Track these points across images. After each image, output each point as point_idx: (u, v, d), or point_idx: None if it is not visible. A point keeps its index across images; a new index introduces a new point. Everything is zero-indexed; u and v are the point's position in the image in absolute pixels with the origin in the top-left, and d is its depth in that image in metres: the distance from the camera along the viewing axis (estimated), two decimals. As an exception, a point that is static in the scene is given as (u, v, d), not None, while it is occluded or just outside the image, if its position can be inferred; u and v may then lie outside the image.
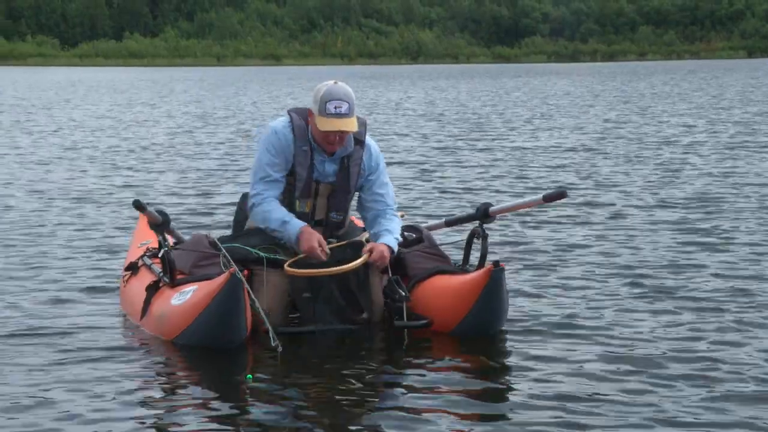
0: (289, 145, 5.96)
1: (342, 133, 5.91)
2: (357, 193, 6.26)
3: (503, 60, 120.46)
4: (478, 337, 5.71)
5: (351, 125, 5.88)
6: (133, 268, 6.64)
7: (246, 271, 5.65)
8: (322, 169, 6.03)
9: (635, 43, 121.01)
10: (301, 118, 6.02)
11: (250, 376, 5.07)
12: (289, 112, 6.10)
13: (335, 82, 5.98)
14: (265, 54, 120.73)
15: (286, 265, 5.88)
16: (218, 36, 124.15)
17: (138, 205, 5.95)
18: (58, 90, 45.59)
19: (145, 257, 6.59)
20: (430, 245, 6.44)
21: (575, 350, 5.52)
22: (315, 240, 5.84)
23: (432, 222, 7.38)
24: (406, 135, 20.66)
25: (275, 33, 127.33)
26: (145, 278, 6.27)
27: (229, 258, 5.70)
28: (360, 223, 6.66)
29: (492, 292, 5.64)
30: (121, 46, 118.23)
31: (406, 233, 6.54)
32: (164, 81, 57.68)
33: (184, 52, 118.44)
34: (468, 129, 21.62)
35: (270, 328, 5.24)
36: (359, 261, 5.86)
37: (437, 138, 19.67)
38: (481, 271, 5.71)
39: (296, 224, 5.89)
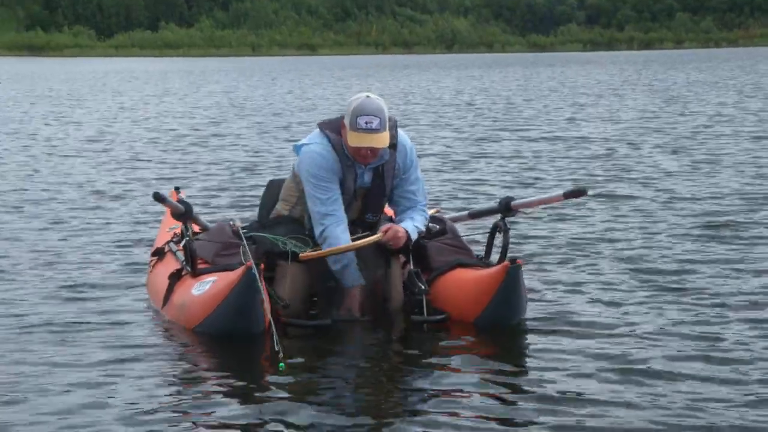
0: (335, 163, 5.94)
1: (373, 148, 5.89)
2: None
3: (538, 48, 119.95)
4: (496, 332, 5.69)
5: (381, 141, 5.84)
6: (159, 253, 6.71)
7: (262, 266, 5.63)
8: (362, 179, 6.05)
9: (672, 30, 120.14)
10: (335, 133, 5.99)
11: (282, 365, 5.10)
12: (321, 129, 6.05)
13: (367, 96, 5.90)
14: (299, 43, 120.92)
15: (301, 254, 5.87)
16: (253, 26, 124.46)
17: (157, 197, 5.97)
18: (94, 80, 45.87)
19: (171, 243, 6.63)
20: (453, 237, 6.41)
21: (595, 347, 5.45)
22: (355, 302, 5.92)
23: (456, 213, 7.34)
24: (437, 125, 20.57)
25: (310, 22, 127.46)
26: (169, 265, 6.32)
27: (248, 250, 5.69)
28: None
29: (508, 288, 5.63)
30: (157, 36, 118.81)
31: (430, 224, 6.50)
32: (199, 71, 57.98)
33: (219, 42, 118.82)
34: (499, 120, 21.51)
35: (275, 334, 5.22)
36: (373, 238, 5.86)
37: (468, 129, 19.58)
38: (498, 268, 5.70)
39: (353, 278, 5.92)
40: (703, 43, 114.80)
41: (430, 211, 7.00)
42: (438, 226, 6.53)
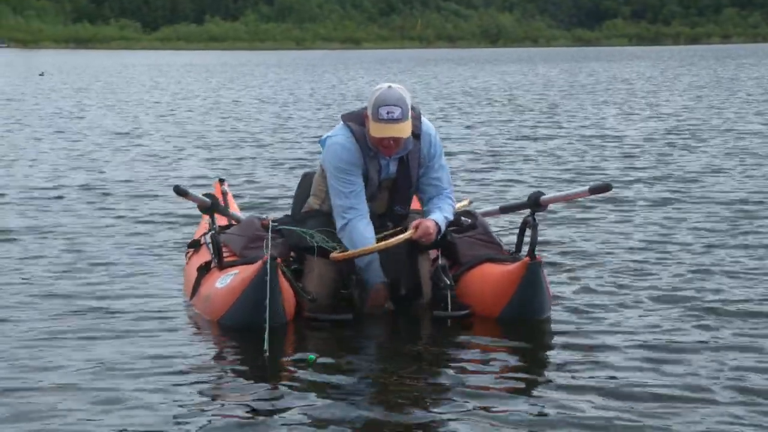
0: (358, 155, 5.90)
1: (396, 138, 5.83)
2: None
3: (583, 43, 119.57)
4: (518, 329, 5.60)
5: (403, 131, 5.79)
6: (195, 245, 6.74)
7: (279, 260, 5.60)
8: (387, 170, 6.00)
9: (719, 25, 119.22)
10: (358, 125, 5.94)
11: (312, 357, 5.05)
12: (344, 121, 6.02)
13: (389, 86, 5.83)
14: (344, 37, 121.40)
15: (332, 255, 5.84)
16: (297, 19, 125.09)
17: (179, 191, 5.94)
18: (142, 73, 46.21)
19: (207, 236, 6.62)
20: (484, 232, 6.34)
21: (620, 346, 5.33)
22: (379, 301, 5.88)
23: (488, 208, 7.29)
24: (475, 119, 20.46)
25: (354, 16, 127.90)
26: (202, 258, 6.33)
27: (269, 244, 5.65)
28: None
29: (529, 284, 5.59)
30: (202, 29, 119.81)
31: (462, 218, 6.44)
32: (244, 64, 58.21)
33: (263, 36, 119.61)
34: (539, 115, 21.37)
35: (267, 333, 5.20)
36: (404, 236, 5.80)
37: (508, 123, 19.48)
38: (518, 264, 5.66)
39: (375, 276, 5.87)
40: (751, 38, 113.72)
41: (462, 203, 6.98)
42: (469, 221, 6.45)
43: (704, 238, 8.09)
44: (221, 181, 7.92)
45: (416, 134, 5.94)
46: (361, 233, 5.82)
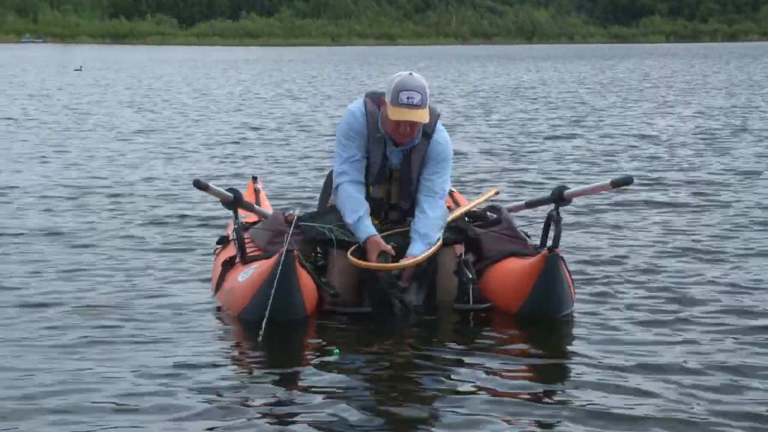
0: (363, 127, 5.96)
1: (412, 124, 5.83)
2: None
3: (620, 40, 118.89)
4: (538, 324, 5.56)
5: (422, 116, 5.79)
6: (223, 241, 6.70)
7: (295, 252, 5.59)
8: (391, 161, 6.01)
9: (757, 22, 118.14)
10: (375, 104, 5.97)
11: (337, 351, 5.04)
12: (366, 95, 6.08)
13: (410, 73, 5.87)
14: (379, 33, 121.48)
15: (348, 254, 5.85)
16: (333, 15, 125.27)
17: (199, 185, 5.91)
18: (177, 69, 46.38)
19: (231, 231, 6.61)
20: (508, 227, 6.30)
21: (641, 345, 5.26)
22: (375, 253, 5.77)
23: (513, 203, 7.25)
24: (508, 114, 20.44)
25: (389, 12, 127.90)
26: (229, 253, 6.30)
27: (290, 238, 5.63)
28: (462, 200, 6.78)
29: (547, 277, 5.53)
30: (238, 25, 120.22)
31: (488, 213, 6.43)
32: (279, 60, 58.29)
33: (299, 32, 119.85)
34: (570, 112, 21.23)
35: (265, 321, 5.19)
36: (419, 259, 5.69)
37: (538, 119, 19.41)
38: (537, 257, 5.61)
39: (366, 230, 5.84)
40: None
41: (490, 192, 6.96)
42: (495, 216, 6.42)
43: (736, 243, 7.92)
44: (254, 178, 7.89)
45: (427, 133, 5.95)
46: (350, 194, 5.89)
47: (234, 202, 6.15)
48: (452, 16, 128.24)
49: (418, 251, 5.75)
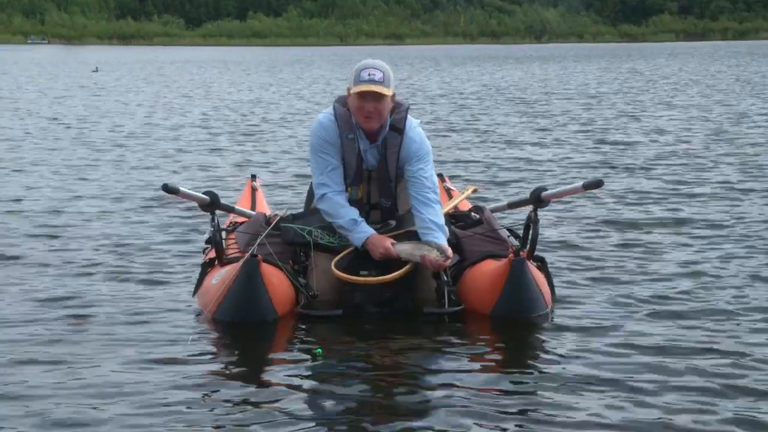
0: (335, 134, 5.91)
1: (377, 101, 5.73)
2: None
3: (630, 39, 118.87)
4: (510, 326, 5.48)
5: (384, 90, 5.73)
6: (211, 242, 6.61)
7: (259, 256, 5.49)
8: (366, 157, 5.95)
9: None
10: (343, 106, 5.94)
11: (319, 350, 5.05)
12: (335, 100, 6.04)
13: (373, 59, 5.97)
14: (387, 33, 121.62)
15: (332, 265, 5.71)
16: (340, 15, 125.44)
17: (168, 189, 5.66)
18: (182, 69, 46.50)
19: (223, 232, 6.49)
20: (489, 227, 6.18)
21: (612, 348, 5.12)
22: (383, 247, 5.72)
23: (495, 204, 7.13)
24: (508, 115, 20.39)
25: (397, 12, 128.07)
26: (213, 254, 6.19)
27: (266, 240, 5.65)
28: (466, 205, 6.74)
29: (514, 281, 5.46)
30: (245, 26, 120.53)
31: (472, 213, 6.42)
32: (286, 60, 58.40)
33: (306, 32, 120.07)
34: (571, 113, 21.12)
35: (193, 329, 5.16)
36: (403, 271, 5.66)
37: (541, 120, 19.30)
38: (504, 261, 5.54)
39: (365, 230, 5.79)
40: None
41: (468, 191, 7.05)
42: (477, 216, 6.37)
43: (726, 244, 7.74)
44: (253, 177, 7.82)
45: (398, 128, 5.89)
46: (335, 203, 5.84)
47: (211, 204, 5.99)
48: (460, 16, 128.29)
49: (442, 240, 5.70)
